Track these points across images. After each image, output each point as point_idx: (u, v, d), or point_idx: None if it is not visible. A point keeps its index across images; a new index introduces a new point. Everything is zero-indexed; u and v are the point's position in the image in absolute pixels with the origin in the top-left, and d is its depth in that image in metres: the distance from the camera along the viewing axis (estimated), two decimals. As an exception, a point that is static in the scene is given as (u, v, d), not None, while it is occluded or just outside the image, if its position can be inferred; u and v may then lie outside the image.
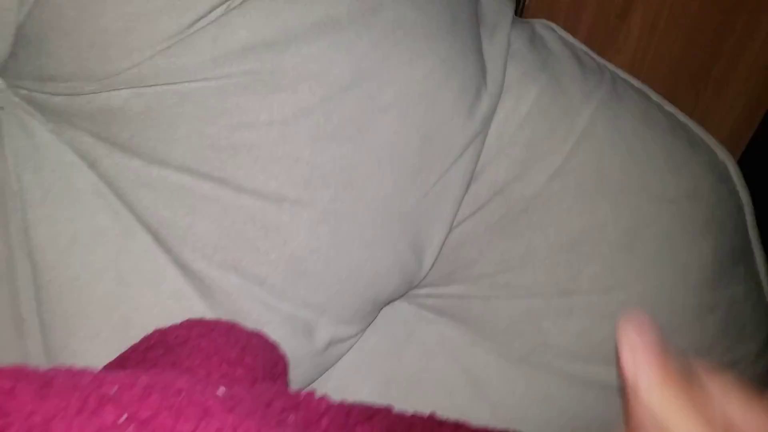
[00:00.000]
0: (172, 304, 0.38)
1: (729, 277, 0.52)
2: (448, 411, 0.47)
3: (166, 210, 0.38)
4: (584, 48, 0.55)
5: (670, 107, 0.55)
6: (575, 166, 0.48)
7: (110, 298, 0.37)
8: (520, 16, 0.81)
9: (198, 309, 0.38)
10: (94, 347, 0.36)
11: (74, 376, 0.22)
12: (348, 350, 0.46)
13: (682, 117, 0.55)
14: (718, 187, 0.52)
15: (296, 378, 0.43)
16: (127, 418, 0.21)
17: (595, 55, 0.55)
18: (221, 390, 0.26)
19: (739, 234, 0.54)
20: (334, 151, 0.40)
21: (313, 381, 0.45)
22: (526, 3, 0.86)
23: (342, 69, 0.40)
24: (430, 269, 0.48)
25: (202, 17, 0.36)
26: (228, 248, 0.39)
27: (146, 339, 0.35)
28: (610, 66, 0.55)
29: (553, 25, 0.56)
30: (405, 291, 0.49)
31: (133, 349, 0.34)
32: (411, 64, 0.42)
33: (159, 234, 0.38)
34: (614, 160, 0.49)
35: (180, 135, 0.37)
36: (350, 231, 0.42)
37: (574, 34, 0.86)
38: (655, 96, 0.55)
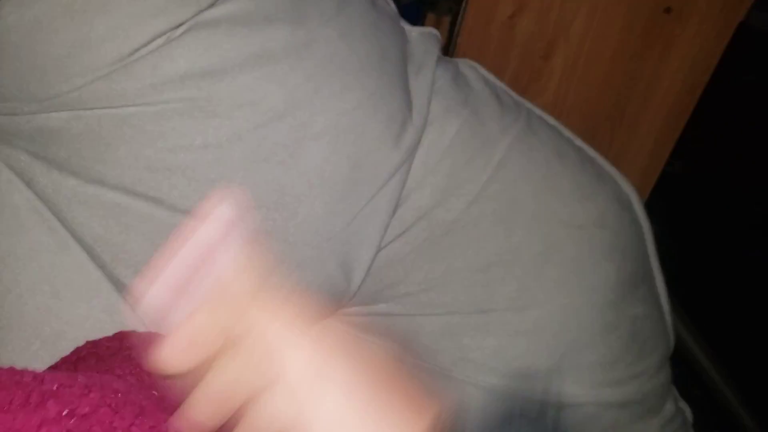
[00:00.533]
0: (105, 318, 0.39)
1: (631, 298, 0.57)
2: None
3: (101, 227, 0.39)
4: (503, 86, 0.60)
5: (579, 142, 0.61)
6: (492, 194, 0.52)
7: (43, 311, 0.38)
8: (451, 55, 0.86)
9: (131, 322, 0.40)
10: (25, 359, 0.37)
11: (16, 374, 0.24)
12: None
13: (590, 152, 0.61)
14: (622, 215, 0.58)
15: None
16: (68, 413, 0.23)
17: (513, 93, 0.60)
18: (155, 393, 0.28)
19: (641, 258, 0.59)
20: (267, 174, 0.43)
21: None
22: (458, 42, 0.91)
23: (276, 98, 0.43)
24: (358, 289, 0.51)
25: (143, 46, 0.39)
26: (161, 265, 0.40)
27: (77, 350, 0.36)
28: (527, 103, 0.60)
29: (476, 65, 0.61)
30: (334, 310, 0.51)
31: (64, 360, 0.35)
32: (341, 95, 0.46)
33: (93, 250, 0.39)
34: (528, 188, 0.54)
35: (117, 156, 0.39)
36: (281, 251, 0.44)
37: (501, 73, 0.93)
38: (567, 132, 0.61)
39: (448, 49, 0.88)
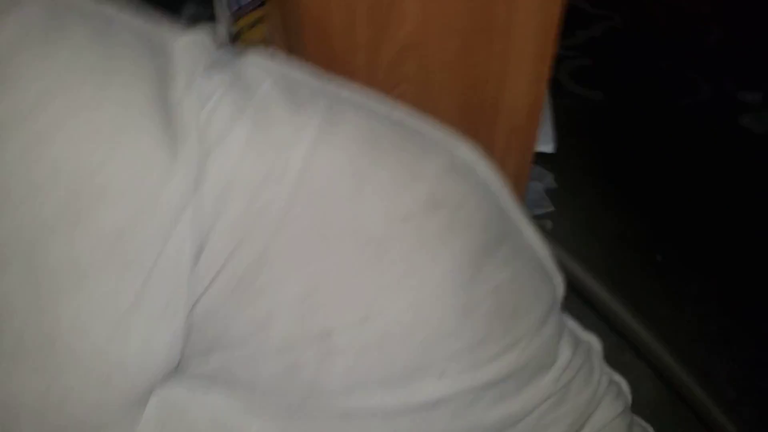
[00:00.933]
0: None
1: (489, 268, 0.53)
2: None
3: None
4: (301, 75, 0.53)
5: (399, 115, 0.54)
6: (297, 215, 0.47)
7: None
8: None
9: None
10: None
11: None
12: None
13: (414, 123, 0.55)
14: (458, 186, 0.52)
15: None
16: None
17: (313, 81, 0.53)
18: None
19: (494, 222, 0.55)
20: (10, 279, 0.38)
21: None
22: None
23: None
24: (182, 351, 0.47)
25: None
26: None
27: None
28: (332, 88, 0.54)
29: (266, 57, 0.53)
30: (162, 378, 0.48)
31: None
32: (75, 166, 0.40)
33: None
34: (337, 195, 0.48)
35: None
36: (62, 352, 0.40)
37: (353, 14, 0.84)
38: (383, 107, 0.54)
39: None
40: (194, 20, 0.53)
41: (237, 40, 1.00)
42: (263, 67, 0.52)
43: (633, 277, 1.33)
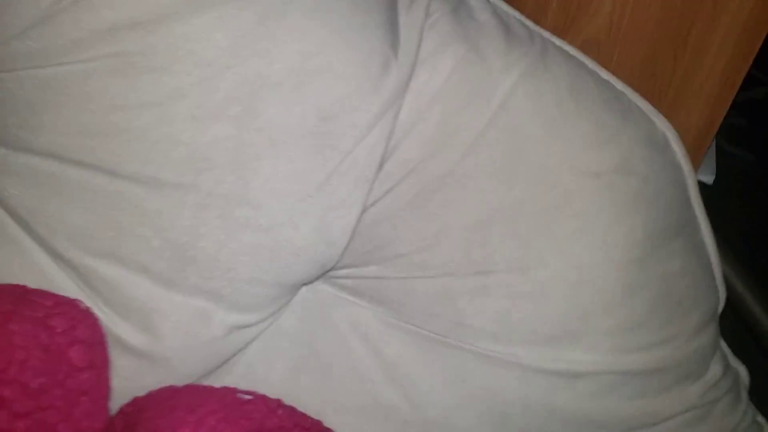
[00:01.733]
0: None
1: (663, 253, 0.50)
2: (358, 397, 0.47)
3: (34, 199, 0.37)
4: (517, 15, 0.53)
5: (606, 75, 0.53)
6: (490, 143, 0.46)
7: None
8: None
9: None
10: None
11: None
12: (255, 336, 0.46)
13: (619, 85, 0.53)
14: (653, 158, 0.50)
15: (195, 366, 0.43)
16: None
17: (529, 23, 0.53)
18: None
19: (678, 206, 0.52)
20: (218, 131, 0.39)
21: (216, 368, 0.44)
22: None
23: (222, 47, 0.38)
24: (343, 252, 0.47)
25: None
26: (105, 236, 0.38)
27: None
28: (545, 33, 0.53)
29: (484, -10, 0.53)
30: (318, 274, 0.48)
31: None
32: (303, 36, 0.41)
33: (29, 224, 0.37)
34: (533, 134, 0.47)
35: (44, 121, 0.36)
36: (243, 215, 0.41)
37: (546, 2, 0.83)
38: (591, 64, 0.53)
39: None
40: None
41: None
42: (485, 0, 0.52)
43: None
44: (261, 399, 0.40)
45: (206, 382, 0.44)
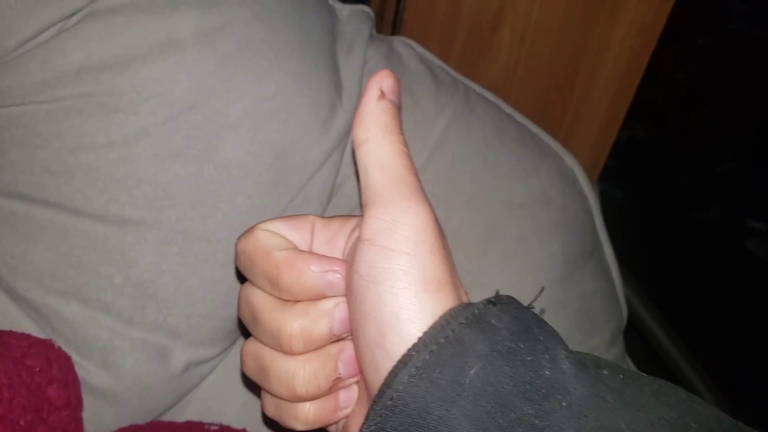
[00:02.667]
0: (7, 336, 0.36)
1: (579, 274, 0.56)
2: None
3: None
4: (441, 64, 0.58)
5: (521, 118, 0.59)
6: (429, 178, 0.50)
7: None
8: (394, 32, 0.83)
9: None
10: None
11: None
12: (210, 371, 0.46)
13: (532, 127, 0.59)
14: (566, 190, 0.56)
15: (154, 404, 0.42)
16: None
17: (450, 71, 0.58)
18: None
19: (588, 232, 0.58)
20: (180, 169, 0.40)
21: (173, 405, 0.44)
22: (404, 18, 0.89)
23: (185, 88, 0.40)
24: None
25: (29, 39, 0.36)
26: (66, 275, 0.38)
27: None
28: (466, 81, 0.58)
29: (412, 42, 0.58)
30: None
31: None
32: (260, 81, 0.43)
33: None
34: (466, 169, 0.52)
35: (9, 160, 0.36)
36: (201, 250, 0.42)
37: (449, 47, 0.90)
38: (507, 108, 0.59)
39: (395, 25, 0.85)
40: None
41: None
42: (410, 48, 0.57)
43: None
44: (227, 429, 0.41)
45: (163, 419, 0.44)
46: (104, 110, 0.37)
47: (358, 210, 0.50)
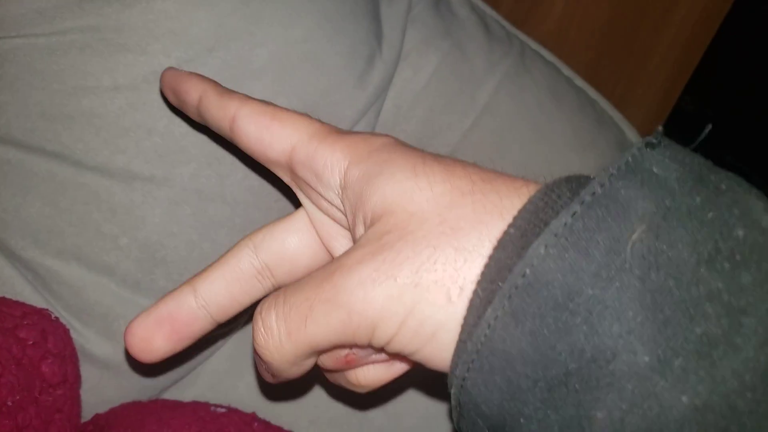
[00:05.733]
0: (-2, 299, 0.33)
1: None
2: (332, 408, 0.45)
3: None
4: (495, 14, 0.52)
5: (580, 82, 0.53)
6: (474, 144, 0.45)
7: None
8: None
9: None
10: None
11: None
12: (223, 343, 0.42)
13: (592, 93, 0.53)
14: (625, 167, 0.50)
15: (163, 376, 0.39)
16: None
17: (505, 23, 0.52)
18: None
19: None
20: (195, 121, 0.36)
21: (181, 378, 0.41)
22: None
23: (204, 27, 0.35)
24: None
25: None
26: (66, 233, 0.34)
27: None
28: (522, 35, 0.52)
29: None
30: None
31: None
32: (288, 23, 0.38)
33: None
34: (516, 136, 0.46)
35: (1, 101, 0.31)
36: (217, 213, 0.37)
37: (498, 1, 0.82)
38: (566, 70, 0.52)
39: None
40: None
41: None
42: (461, -5, 0.51)
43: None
44: (235, 412, 0.37)
45: (169, 394, 0.41)
46: (110, 48, 0.32)
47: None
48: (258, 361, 0.25)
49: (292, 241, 0.28)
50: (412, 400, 0.46)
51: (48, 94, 0.32)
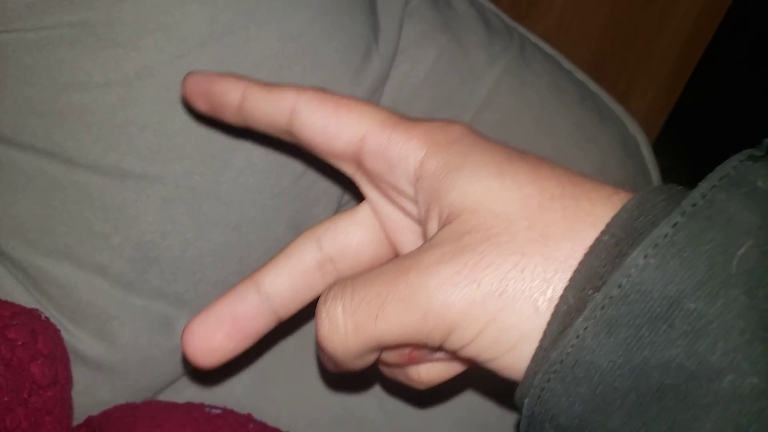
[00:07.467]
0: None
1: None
2: (331, 409, 0.44)
3: None
4: (494, 7, 0.51)
5: (581, 76, 0.52)
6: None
7: None
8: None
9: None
10: None
11: None
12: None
13: (593, 86, 0.52)
14: (626, 162, 0.49)
15: (155, 378, 0.38)
16: None
17: (504, 17, 0.51)
18: None
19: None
20: (189, 117, 0.35)
21: (176, 380, 0.40)
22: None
23: (196, 21, 0.34)
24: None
25: None
26: (57, 232, 0.33)
27: None
28: (521, 29, 0.51)
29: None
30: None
31: None
32: (283, 17, 0.37)
33: None
34: (517, 131, 0.45)
35: None
36: (211, 211, 0.37)
37: (498, -6, 0.82)
38: (566, 63, 0.52)
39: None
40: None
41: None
42: (460, -12, 0.50)
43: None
44: (230, 413, 0.37)
45: (164, 395, 0.40)
46: (101, 43, 0.32)
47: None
48: (320, 352, 0.24)
49: (356, 234, 0.26)
50: (413, 400, 0.46)
51: (38, 90, 0.31)
